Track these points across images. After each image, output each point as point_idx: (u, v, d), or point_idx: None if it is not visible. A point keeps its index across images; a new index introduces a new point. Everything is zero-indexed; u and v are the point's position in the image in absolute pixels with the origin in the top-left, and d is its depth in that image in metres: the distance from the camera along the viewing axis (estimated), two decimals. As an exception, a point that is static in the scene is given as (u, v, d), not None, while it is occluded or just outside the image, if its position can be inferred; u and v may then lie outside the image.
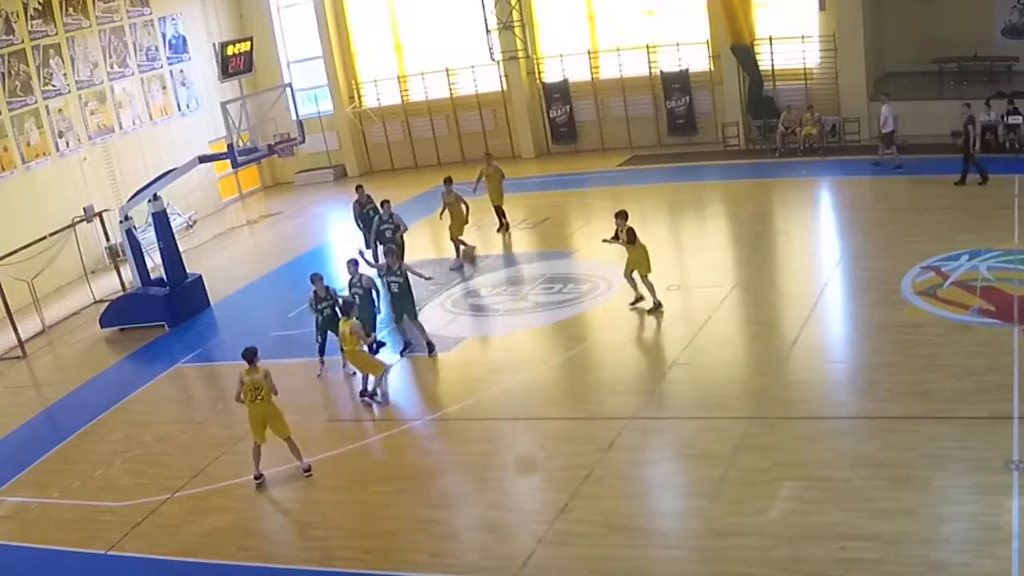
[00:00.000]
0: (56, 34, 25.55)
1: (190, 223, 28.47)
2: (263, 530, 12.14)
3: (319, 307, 15.94)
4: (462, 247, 21.12)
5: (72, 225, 22.69)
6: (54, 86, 25.44)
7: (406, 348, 16.53)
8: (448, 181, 21.15)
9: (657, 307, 16.42)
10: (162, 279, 20.47)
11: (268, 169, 32.98)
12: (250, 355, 12.81)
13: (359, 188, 22.03)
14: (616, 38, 29.42)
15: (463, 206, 20.90)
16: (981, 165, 21.22)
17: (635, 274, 16.58)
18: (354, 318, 14.65)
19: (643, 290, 16.58)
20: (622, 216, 16.49)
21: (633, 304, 16.79)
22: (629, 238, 16.37)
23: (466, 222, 21.02)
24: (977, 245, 17.02)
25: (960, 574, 9.05)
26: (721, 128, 27.96)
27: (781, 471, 11.15)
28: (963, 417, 11.66)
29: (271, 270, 23.25)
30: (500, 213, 22.89)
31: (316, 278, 16.02)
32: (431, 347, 16.20)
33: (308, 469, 12.92)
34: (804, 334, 14.89)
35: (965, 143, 21.27)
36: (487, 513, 11.60)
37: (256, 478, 12.92)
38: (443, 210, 20.97)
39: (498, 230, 22.87)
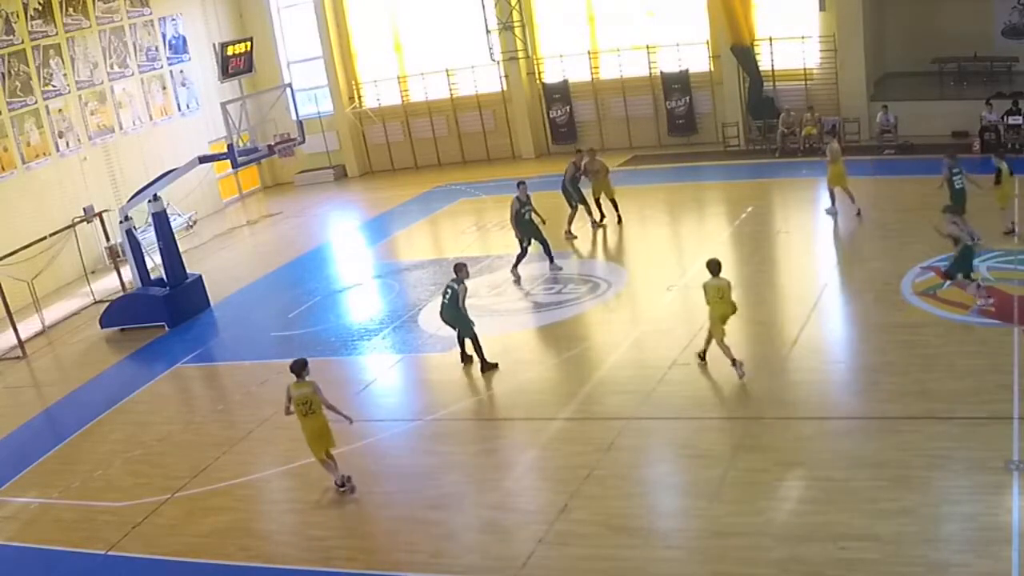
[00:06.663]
0: (56, 34, 25.54)
1: (190, 223, 28.46)
2: (263, 530, 12.13)
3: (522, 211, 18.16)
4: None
5: (72, 225, 22.69)
6: (54, 86, 25.43)
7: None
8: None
9: None
10: (162, 279, 20.46)
11: (268, 169, 32.97)
12: (298, 368, 12.03)
13: (579, 152, 22.22)
14: (616, 38, 29.43)
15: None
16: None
17: None
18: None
19: None
20: None
21: None
22: None
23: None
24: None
25: (960, 574, 9.04)
26: (721, 128, 27.95)
27: (781, 471, 11.15)
28: (963, 417, 11.65)
29: (271, 270, 23.24)
30: (614, 205, 22.18)
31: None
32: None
33: (342, 484, 12.15)
34: (804, 334, 14.89)
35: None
36: (487, 513, 11.59)
37: (340, 485, 12.11)
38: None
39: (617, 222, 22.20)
